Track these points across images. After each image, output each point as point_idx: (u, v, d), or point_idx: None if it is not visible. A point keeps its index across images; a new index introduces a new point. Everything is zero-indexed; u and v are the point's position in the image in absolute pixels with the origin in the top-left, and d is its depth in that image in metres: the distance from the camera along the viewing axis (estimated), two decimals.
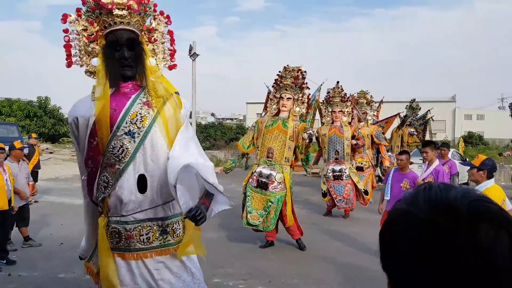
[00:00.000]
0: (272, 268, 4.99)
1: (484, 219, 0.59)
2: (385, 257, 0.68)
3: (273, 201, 5.50)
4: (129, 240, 2.39)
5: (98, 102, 2.37)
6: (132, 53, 2.43)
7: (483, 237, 0.57)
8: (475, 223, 0.58)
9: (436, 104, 46.45)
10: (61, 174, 14.74)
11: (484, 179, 3.62)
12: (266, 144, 5.69)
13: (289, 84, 5.80)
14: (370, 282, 4.53)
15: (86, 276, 4.52)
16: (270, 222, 5.52)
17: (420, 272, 0.60)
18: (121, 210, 2.38)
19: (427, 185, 0.68)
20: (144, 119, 2.38)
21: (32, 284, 4.34)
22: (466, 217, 0.59)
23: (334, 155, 8.13)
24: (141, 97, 2.45)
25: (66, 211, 8.19)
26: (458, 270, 0.57)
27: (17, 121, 25.73)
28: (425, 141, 5.75)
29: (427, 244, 0.60)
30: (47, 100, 30.37)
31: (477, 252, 0.57)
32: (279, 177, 5.55)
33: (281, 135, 5.64)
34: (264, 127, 5.79)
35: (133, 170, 2.34)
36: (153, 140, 2.38)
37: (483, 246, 0.57)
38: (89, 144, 2.41)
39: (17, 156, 5.67)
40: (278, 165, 5.61)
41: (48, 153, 21.23)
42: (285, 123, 5.68)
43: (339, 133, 8.13)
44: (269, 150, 5.64)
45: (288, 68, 5.90)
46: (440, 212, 0.61)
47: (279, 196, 5.53)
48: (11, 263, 4.94)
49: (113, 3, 2.36)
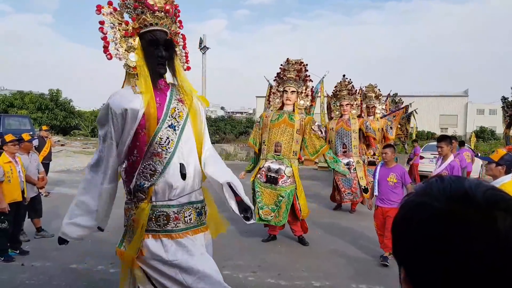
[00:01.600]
0: (281, 261, 5.00)
1: (500, 207, 0.59)
2: (400, 248, 0.68)
3: (283, 195, 5.47)
4: (176, 222, 2.66)
5: (145, 96, 2.58)
6: (166, 53, 2.67)
7: (501, 224, 0.58)
8: (492, 211, 0.59)
9: (448, 98, 46.04)
10: (72, 166, 14.91)
11: (502, 174, 3.57)
12: (273, 138, 5.63)
13: (292, 77, 5.74)
14: (380, 275, 4.53)
15: (98, 267, 4.60)
16: (282, 216, 5.50)
17: (438, 261, 0.60)
18: (170, 195, 2.63)
19: (438, 177, 0.68)
20: (180, 114, 2.68)
21: (44, 274, 4.40)
22: (483, 205, 0.59)
23: (342, 149, 8.09)
24: (175, 94, 2.73)
25: None
26: (477, 258, 0.57)
27: (29, 113, 26.07)
28: (440, 135, 5.66)
29: (445, 233, 0.60)
30: (59, 93, 30.68)
31: (496, 239, 0.57)
32: (288, 171, 5.52)
33: (288, 129, 5.60)
34: (270, 121, 5.73)
35: (177, 159, 2.60)
36: (188, 133, 2.70)
37: (501, 233, 0.57)
38: (137, 135, 2.61)
39: (27, 148, 5.72)
40: (287, 159, 5.57)
41: (59, 145, 21.50)
42: (291, 117, 5.65)
43: (346, 126, 8.09)
44: (276, 145, 5.60)
45: (291, 61, 5.84)
46: (458, 201, 0.61)
47: (289, 190, 5.50)
48: (24, 254, 5.03)
49: (156, 5, 2.59)
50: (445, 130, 40.52)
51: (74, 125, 31.14)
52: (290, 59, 5.89)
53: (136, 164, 2.61)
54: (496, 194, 0.62)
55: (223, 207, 2.92)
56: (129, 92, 2.62)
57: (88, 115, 33.95)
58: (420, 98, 44.58)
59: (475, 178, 4.39)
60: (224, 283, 2.61)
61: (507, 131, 9.31)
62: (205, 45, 23.24)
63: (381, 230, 5.06)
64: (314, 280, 4.39)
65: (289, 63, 5.84)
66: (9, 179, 4.92)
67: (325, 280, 4.41)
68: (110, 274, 4.43)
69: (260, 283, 4.30)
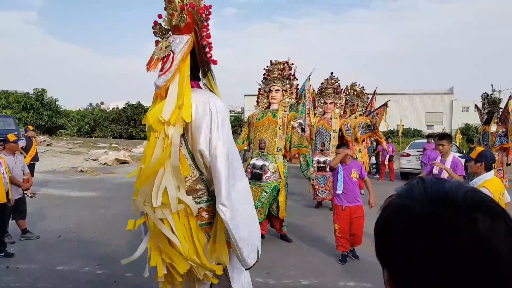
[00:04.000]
0: (269, 260, 5.01)
1: (480, 209, 0.60)
2: (383, 250, 0.68)
3: (267, 191, 5.55)
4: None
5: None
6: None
7: (481, 225, 0.58)
8: (472, 213, 0.60)
9: (434, 96, 46.62)
10: (58, 166, 14.72)
11: (483, 171, 3.63)
12: (257, 136, 5.78)
13: (276, 76, 5.94)
14: (367, 273, 4.57)
15: (84, 269, 4.56)
16: (264, 213, 5.53)
17: (420, 263, 0.60)
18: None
19: (419, 179, 0.69)
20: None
21: (30, 276, 4.34)
22: (463, 207, 0.60)
23: (320, 147, 8.16)
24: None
25: (64, 203, 8.19)
26: (459, 259, 0.58)
27: (14, 113, 25.66)
28: (441, 133, 5.73)
29: (427, 235, 0.60)
30: (44, 92, 30.24)
31: (477, 240, 0.58)
32: (272, 167, 5.62)
33: (271, 126, 5.74)
34: (255, 120, 5.90)
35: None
36: None
37: (482, 234, 0.58)
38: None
39: (12, 149, 5.63)
40: (271, 155, 5.69)
41: (45, 145, 21.21)
42: (275, 114, 5.80)
43: (327, 125, 8.15)
44: (260, 141, 5.73)
45: (274, 62, 6.05)
46: (439, 203, 0.61)
47: (273, 185, 5.58)
48: (9, 256, 4.94)
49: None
50: (431, 128, 41.06)
51: (60, 125, 30.75)
52: (274, 60, 6.08)
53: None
54: (476, 196, 0.63)
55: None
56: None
57: (74, 114, 33.57)
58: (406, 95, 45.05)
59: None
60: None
61: (486, 127, 9.46)
62: None
63: (344, 233, 5.02)
64: (302, 278, 4.42)
65: (272, 64, 6.05)
66: None
67: (313, 278, 4.43)
68: (97, 276, 4.38)
69: None
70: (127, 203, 8.45)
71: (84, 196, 9.03)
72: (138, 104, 31.27)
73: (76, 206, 7.95)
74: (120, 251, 5.03)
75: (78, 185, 10.63)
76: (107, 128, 29.51)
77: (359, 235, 5.04)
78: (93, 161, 16.69)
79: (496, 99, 9.55)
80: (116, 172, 13.72)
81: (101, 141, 27.07)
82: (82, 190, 9.83)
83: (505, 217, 0.61)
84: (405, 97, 44.34)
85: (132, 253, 2.65)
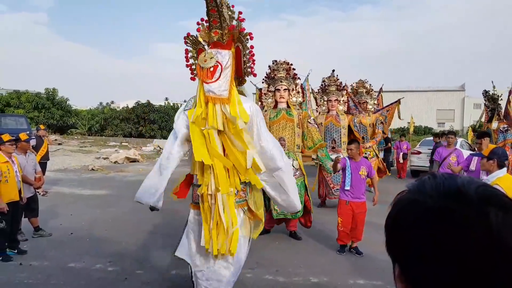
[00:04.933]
0: (279, 258, 5.02)
1: (492, 203, 0.60)
2: (394, 246, 0.68)
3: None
4: None
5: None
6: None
7: (493, 219, 0.58)
8: (484, 207, 0.59)
9: (445, 93, 46.09)
10: (70, 165, 14.87)
11: (495, 168, 3.59)
12: (276, 135, 5.74)
13: (283, 76, 6.06)
14: (377, 271, 4.55)
15: (96, 266, 4.61)
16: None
17: (431, 258, 0.60)
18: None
19: (430, 174, 0.68)
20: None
21: (42, 273, 4.40)
22: (475, 201, 0.60)
23: (331, 144, 8.12)
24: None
25: (75, 201, 8.29)
26: (471, 254, 0.58)
27: (26, 112, 25.96)
28: (481, 131, 5.69)
29: (438, 229, 0.60)
30: (55, 92, 30.53)
31: (489, 234, 0.58)
32: (295, 164, 5.72)
33: (289, 124, 5.85)
34: (269, 119, 5.88)
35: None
36: None
37: (494, 228, 0.58)
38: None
39: (24, 148, 5.71)
40: (292, 152, 5.79)
41: (56, 144, 21.45)
42: (289, 112, 5.90)
43: (336, 122, 8.11)
44: (280, 140, 5.74)
45: (279, 62, 6.16)
46: (451, 198, 0.61)
47: (299, 182, 5.63)
48: (22, 253, 5.03)
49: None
50: (442, 125, 40.65)
51: (71, 124, 31.00)
52: (278, 60, 6.21)
53: None
54: (488, 190, 0.62)
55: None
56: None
57: (85, 113, 33.82)
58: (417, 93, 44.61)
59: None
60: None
61: (489, 125, 9.33)
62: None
63: (346, 227, 5.18)
64: (312, 276, 4.41)
65: (277, 63, 6.15)
66: (6, 179, 4.91)
67: (323, 276, 4.43)
68: (109, 273, 4.43)
69: (258, 280, 4.32)
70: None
71: (95, 194, 9.13)
72: (148, 103, 31.42)
73: (88, 204, 8.04)
74: (130, 248, 5.07)
75: (89, 183, 10.73)
76: (117, 127, 29.69)
77: (359, 229, 5.20)
78: (103, 160, 16.83)
79: (495, 95, 9.41)
80: (126, 170, 13.82)
81: (112, 140, 27.26)
82: (93, 188, 9.93)
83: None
84: (416, 94, 43.90)
85: (142, 250, 2.70)
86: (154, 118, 29.44)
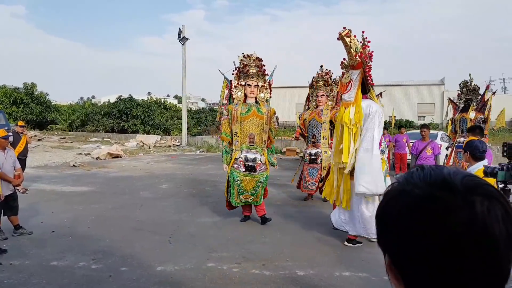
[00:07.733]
0: (265, 251, 5.02)
1: (477, 192, 0.62)
2: (383, 236, 0.69)
3: (261, 180, 6.30)
4: None
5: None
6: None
7: (479, 208, 0.60)
8: (470, 196, 0.61)
9: (425, 87, 46.84)
10: (50, 161, 14.59)
11: (471, 160, 3.61)
12: (246, 130, 6.28)
13: (255, 72, 6.40)
14: (362, 262, 4.59)
15: (79, 264, 4.53)
16: (259, 198, 6.34)
17: (419, 246, 0.62)
18: None
19: (418, 167, 0.71)
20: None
21: (24, 272, 4.30)
22: (461, 190, 0.62)
23: (312, 139, 8.17)
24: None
25: (57, 198, 8.13)
26: (457, 241, 0.59)
27: (4, 108, 25.28)
28: (470, 126, 5.79)
29: (426, 217, 0.62)
30: (34, 87, 29.83)
31: (475, 222, 0.60)
32: (263, 159, 6.33)
33: (259, 121, 6.29)
34: (240, 114, 6.23)
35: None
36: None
37: (480, 216, 0.60)
38: None
39: (2, 145, 5.56)
40: (259, 148, 6.33)
41: (36, 140, 21.00)
42: (259, 109, 6.32)
43: (318, 117, 8.16)
44: (250, 136, 6.29)
45: (252, 57, 6.44)
46: (437, 187, 0.63)
47: (265, 175, 6.35)
48: (2, 252, 4.89)
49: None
50: (422, 119, 41.30)
51: (51, 120, 30.39)
52: (251, 54, 6.46)
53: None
54: (474, 180, 0.65)
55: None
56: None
57: (65, 109, 33.12)
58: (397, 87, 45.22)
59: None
60: None
61: (464, 114, 9.50)
62: (184, 35, 22.91)
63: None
64: (298, 269, 4.43)
65: (250, 58, 6.43)
66: None
67: (310, 269, 4.45)
68: (92, 270, 4.36)
69: (244, 274, 4.31)
70: (120, 197, 8.42)
71: (77, 191, 8.97)
72: (130, 97, 31.00)
73: (69, 201, 7.89)
74: (114, 245, 4.99)
75: (70, 180, 10.54)
76: (99, 122, 29.21)
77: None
78: (85, 156, 16.56)
79: (476, 86, 9.62)
80: (109, 166, 13.62)
81: (93, 136, 26.85)
82: (74, 185, 9.76)
83: (503, 201, 0.63)
84: (397, 88, 44.46)
85: (127, 247, 2.63)
86: (137, 113, 29.06)
